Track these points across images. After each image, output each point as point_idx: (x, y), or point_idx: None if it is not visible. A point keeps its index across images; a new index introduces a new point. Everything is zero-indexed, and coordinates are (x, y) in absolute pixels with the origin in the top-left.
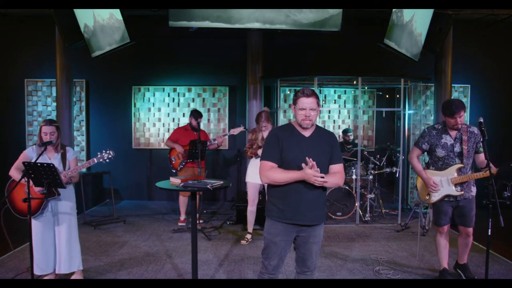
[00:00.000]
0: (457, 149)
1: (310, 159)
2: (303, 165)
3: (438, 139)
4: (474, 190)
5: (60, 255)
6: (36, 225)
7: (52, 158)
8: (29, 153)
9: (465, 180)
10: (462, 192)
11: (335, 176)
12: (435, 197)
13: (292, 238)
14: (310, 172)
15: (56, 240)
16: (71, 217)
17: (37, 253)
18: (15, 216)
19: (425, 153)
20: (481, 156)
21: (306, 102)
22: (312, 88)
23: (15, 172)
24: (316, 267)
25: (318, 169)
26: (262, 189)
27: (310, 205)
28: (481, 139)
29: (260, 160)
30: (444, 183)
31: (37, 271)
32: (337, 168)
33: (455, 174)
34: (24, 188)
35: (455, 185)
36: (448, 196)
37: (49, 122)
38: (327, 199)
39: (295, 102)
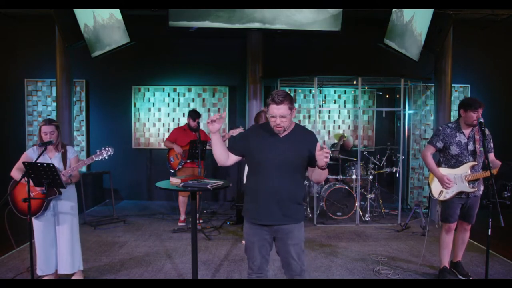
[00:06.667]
0: (470, 147)
1: None
2: None
3: (453, 137)
4: (481, 188)
5: (62, 255)
6: (37, 225)
7: (52, 157)
8: (30, 154)
9: (478, 178)
10: (475, 189)
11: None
12: (449, 194)
13: (270, 237)
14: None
15: (58, 240)
16: (72, 217)
17: (39, 253)
18: (17, 216)
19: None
20: (491, 156)
21: (276, 109)
22: (284, 90)
23: (16, 173)
24: (304, 270)
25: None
26: None
27: (281, 205)
28: (482, 139)
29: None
30: (457, 180)
31: (38, 272)
32: None
33: (469, 171)
34: (26, 188)
35: (468, 182)
36: (460, 193)
37: (49, 121)
38: (327, 199)
39: (267, 106)
